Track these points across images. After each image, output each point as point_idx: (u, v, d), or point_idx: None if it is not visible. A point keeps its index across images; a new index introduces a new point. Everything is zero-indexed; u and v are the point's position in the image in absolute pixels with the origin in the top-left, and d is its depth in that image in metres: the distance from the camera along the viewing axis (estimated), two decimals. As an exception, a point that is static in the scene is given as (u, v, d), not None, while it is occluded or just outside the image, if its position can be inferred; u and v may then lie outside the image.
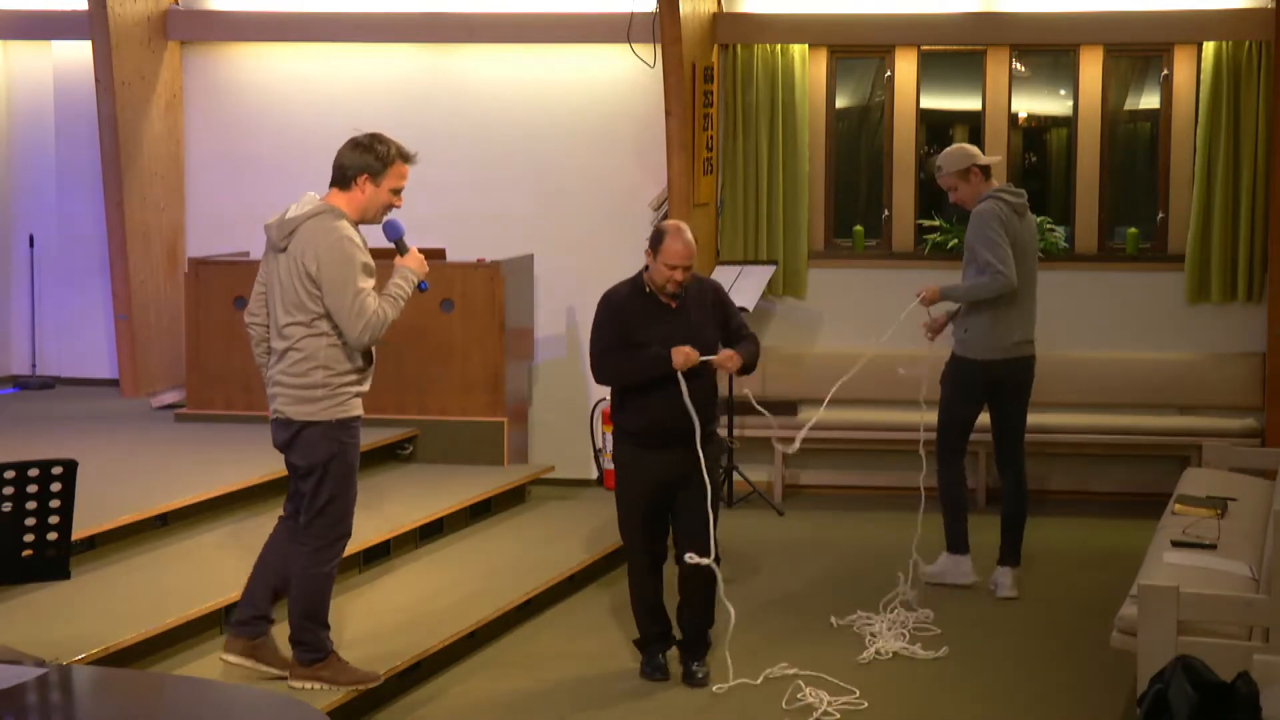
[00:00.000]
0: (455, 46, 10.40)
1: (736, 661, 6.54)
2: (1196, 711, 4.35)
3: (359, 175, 5.85)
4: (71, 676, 4.01)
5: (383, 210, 5.91)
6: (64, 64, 10.81)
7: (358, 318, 5.68)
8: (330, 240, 5.71)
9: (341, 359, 5.78)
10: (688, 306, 6.53)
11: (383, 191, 5.87)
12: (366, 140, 5.90)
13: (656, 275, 6.44)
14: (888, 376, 10.10)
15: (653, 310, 6.50)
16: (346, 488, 5.88)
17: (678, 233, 6.43)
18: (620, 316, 6.48)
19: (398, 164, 5.87)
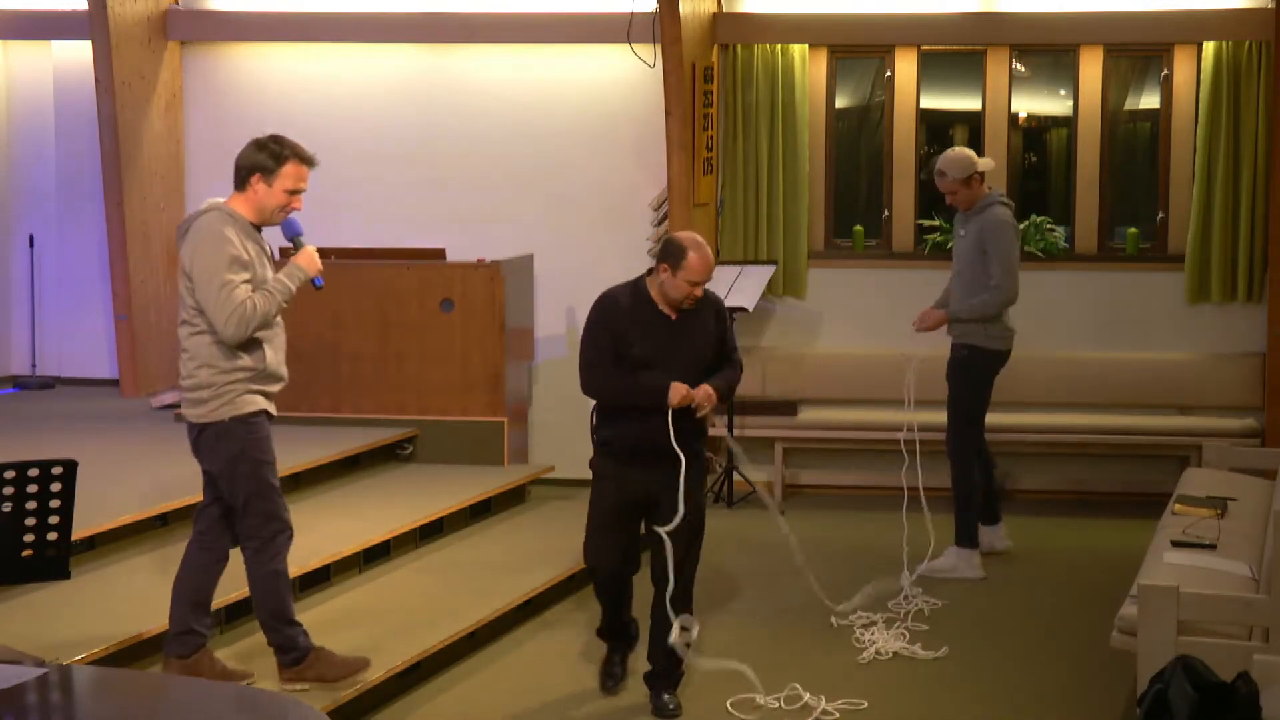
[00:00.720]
0: (455, 46, 10.40)
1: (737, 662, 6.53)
2: (1196, 711, 4.35)
3: (252, 175, 5.70)
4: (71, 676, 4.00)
5: (279, 211, 5.74)
6: (64, 64, 10.81)
7: (222, 309, 5.54)
8: (203, 237, 5.61)
9: (224, 356, 5.65)
10: (688, 321, 6.20)
11: (277, 192, 5.69)
12: (264, 140, 5.76)
13: (673, 290, 6.08)
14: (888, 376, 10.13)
15: (652, 321, 6.16)
16: (260, 483, 5.73)
17: (699, 246, 6.09)
18: (616, 323, 6.15)
19: (292, 164, 5.70)
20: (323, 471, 8.53)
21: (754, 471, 9.82)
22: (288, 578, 5.87)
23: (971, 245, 8.12)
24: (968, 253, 8.15)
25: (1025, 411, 9.85)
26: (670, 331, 6.16)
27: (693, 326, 6.21)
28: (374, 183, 10.51)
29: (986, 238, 8.02)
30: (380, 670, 6.14)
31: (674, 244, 6.13)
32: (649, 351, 6.10)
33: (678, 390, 6.06)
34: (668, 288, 6.11)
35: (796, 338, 10.31)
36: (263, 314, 5.62)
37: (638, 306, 6.18)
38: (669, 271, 6.09)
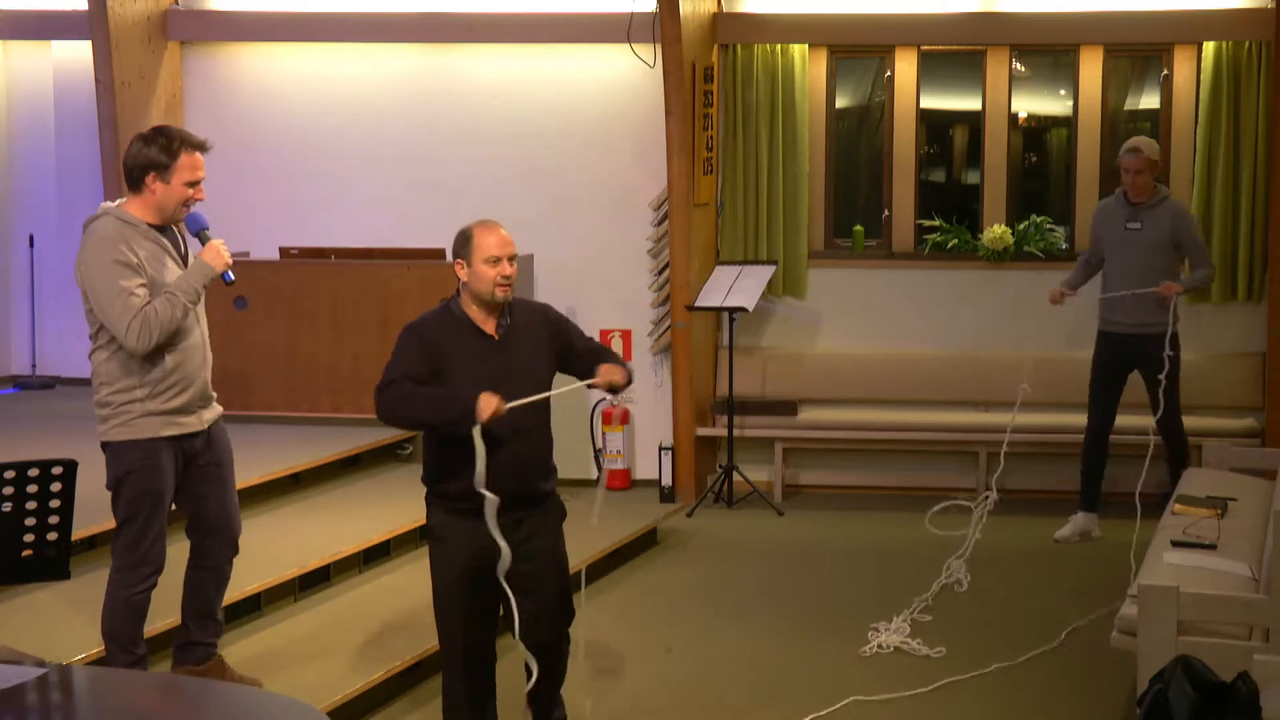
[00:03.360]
0: (455, 46, 10.40)
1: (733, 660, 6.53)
2: (1196, 711, 4.35)
3: (146, 174, 5.40)
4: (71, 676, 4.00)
5: (180, 206, 5.43)
6: (64, 64, 10.81)
7: (120, 319, 5.26)
8: (87, 247, 5.37)
9: (121, 374, 5.40)
10: (514, 339, 5.32)
11: (175, 187, 5.38)
12: (150, 134, 5.42)
13: (478, 282, 5.25)
14: (889, 377, 10.14)
15: (468, 342, 5.26)
16: (135, 511, 5.45)
17: (483, 223, 5.36)
18: (430, 346, 5.24)
19: (185, 154, 5.38)
20: (323, 471, 8.53)
21: (754, 471, 9.82)
22: (139, 610, 5.55)
23: (1157, 235, 8.52)
24: (1150, 242, 8.54)
25: (1025, 411, 9.83)
26: (494, 354, 5.27)
27: (521, 344, 5.33)
28: (374, 183, 10.50)
29: (1180, 227, 8.55)
30: (380, 670, 6.15)
31: (458, 236, 5.40)
32: (473, 378, 5.17)
33: (489, 403, 5.04)
34: (474, 284, 5.28)
35: (796, 338, 10.30)
36: (166, 319, 5.32)
37: (451, 329, 5.30)
38: (465, 266, 5.30)
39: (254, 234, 10.28)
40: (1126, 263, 8.57)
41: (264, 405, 9.50)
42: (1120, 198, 8.66)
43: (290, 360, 9.57)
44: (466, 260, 5.30)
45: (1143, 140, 8.65)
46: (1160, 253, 8.55)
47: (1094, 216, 8.91)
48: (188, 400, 5.51)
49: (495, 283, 5.27)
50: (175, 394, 5.47)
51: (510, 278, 5.29)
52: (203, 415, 5.60)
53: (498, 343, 5.31)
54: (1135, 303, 8.53)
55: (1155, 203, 8.56)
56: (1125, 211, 8.60)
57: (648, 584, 8.06)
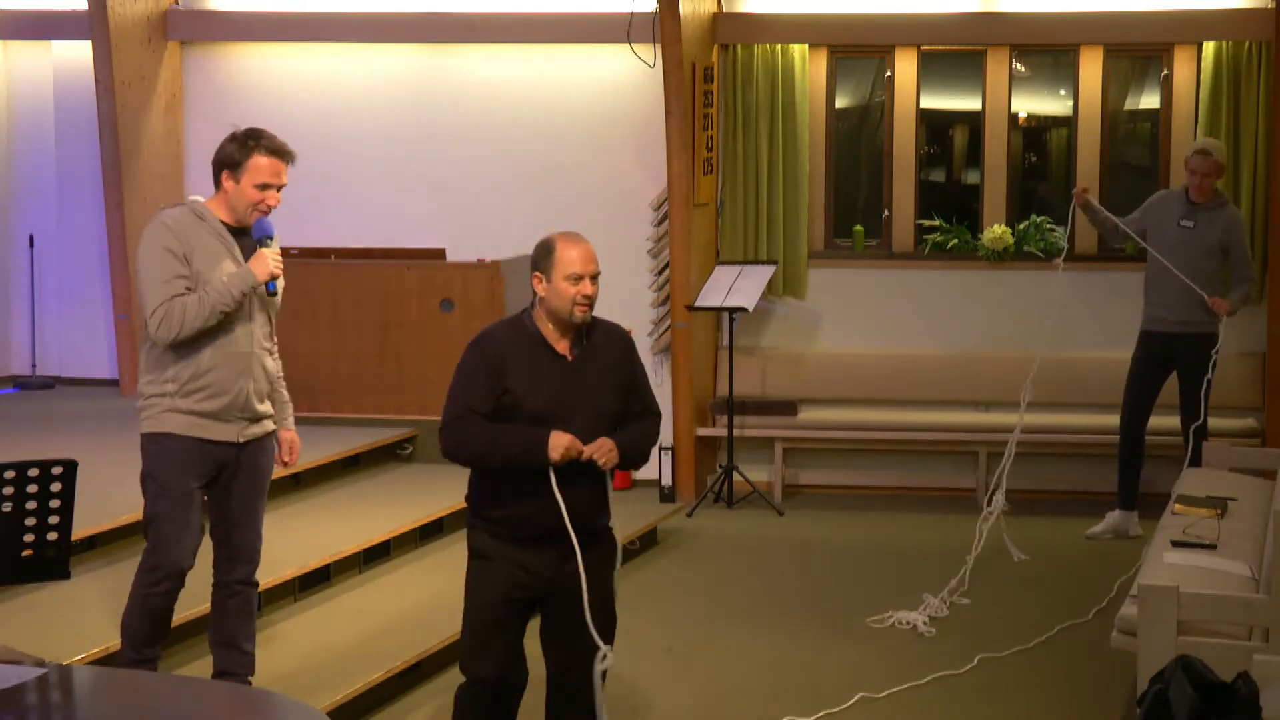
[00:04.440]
0: (456, 46, 10.40)
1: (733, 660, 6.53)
2: (1196, 712, 4.35)
3: (221, 171, 5.38)
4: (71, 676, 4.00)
5: (250, 208, 5.37)
6: (64, 64, 10.81)
7: (148, 306, 5.21)
8: (146, 232, 5.32)
9: (156, 366, 5.32)
10: (589, 361, 5.00)
11: (246, 188, 5.33)
12: (237, 132, 5.41)
13: (557, 299, 4.91)
14: (889, 377, 10.14)
15: (542, 363, 4.93)
16: (157, 511, 5.32)
17: (567, 235, 5.03)
18: (496, 365, 4.90)
19: (257, 157, 5.31)
20: (323, 471, 8.54)
21: (754, 471, 9.82)
22: (154, 613, 5.40)
23: (1208, 237, 8.58)
24: (1200, 243, 8.59)
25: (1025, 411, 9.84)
26: (566, 375, 4.95)
27: (595, 367, 5.01)
28: (374, 182, 10.51)
29: (1233, 235, 8.60)
30: (380, 670, 6.14)
31: (539, 246, 5.03)
32: (541, 402, 4.88)
33: (560, 441, 4.81)
34: (551, 301, 4.93)
35: (796, 338, 10.31)
36: (193, 317, 5.21)
37: (522, 346, 4.95)
38: (543, 280, 4.94)
39: (254, 234, 10.27)
40: (1172, 260, 8.58)
41: (264, 405, 9.48)
42: (1181, 194, 8.72)
43: (290, 360, 9.46)
44: (545, 274, 4.93)
45: (1212, 143, 8.71)
46: (1207, 255, 8.59)
47: (1151, 199, 8.95)
48: (221, 407, 5.34)
49: (575, 302, 4.91)
50: (206, 397, 5.32)
51: (591, 298, 4.95)
52: (243, 429, 5.41)
53: (570, 364, 4.96)
54: (1181, 302, 8.55)
55: (1213, 206, 8.62)
56: (1182, 208, 8.65)
57: (648, 584, 8.06)
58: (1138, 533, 8.76)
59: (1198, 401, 8.57)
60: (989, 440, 9.74)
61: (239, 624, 5.57)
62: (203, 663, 6.13)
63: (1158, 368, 8.74)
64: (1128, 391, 8.85)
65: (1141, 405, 8.79)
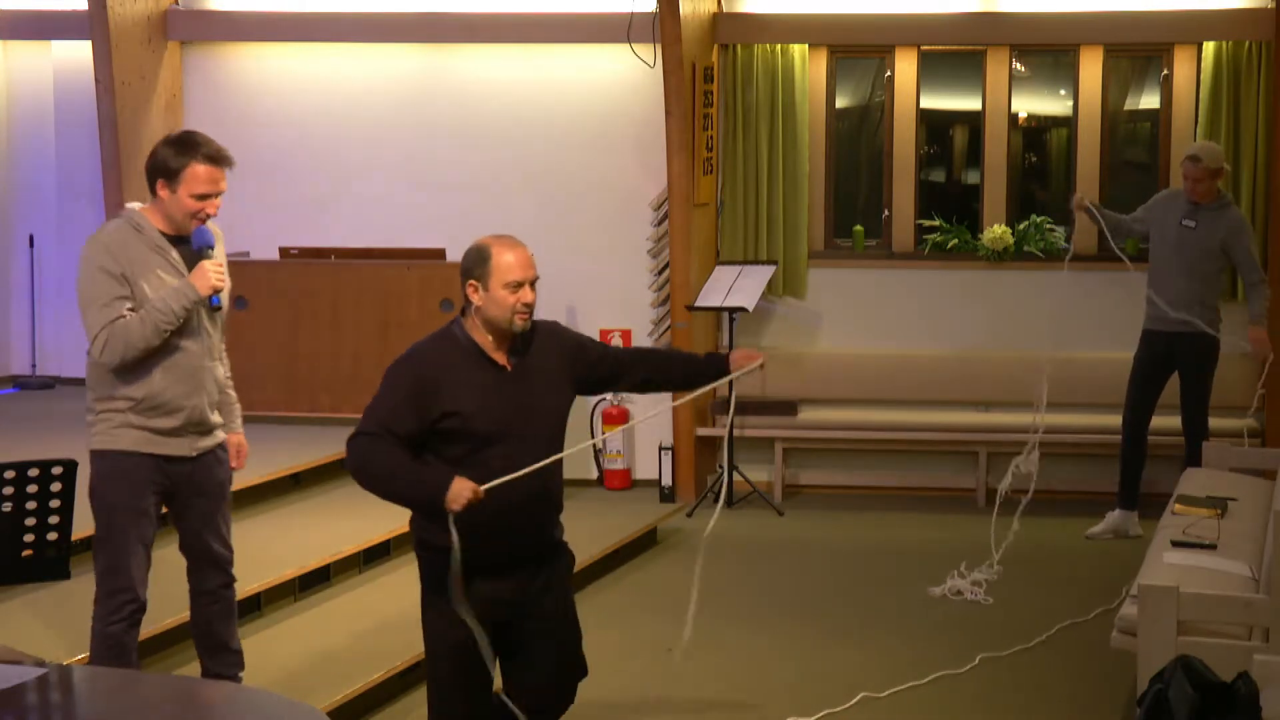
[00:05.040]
0: (455, 46, 10.40)
1: (733, 661, 6.52)
2: (1196, 711, 4.35)
3: (155, 179, 5.13)
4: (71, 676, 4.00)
5: (188, 217, 5.14)
6: (64, 64, 10.81)
7: (91, 328, 5.01)
8: (85, 248, 5.10)
9: (109, 383, 5.11)
10: (529, 369, 4.68)
11: (182, 198, 5.09)
12: (174, 138, 5.16)
13: (496, 309, 4.62)
14: (889, 377, 10.14)
15: (481, 375, 4.60)
16: (109, 530, 5.13)
17: (502, 239, 4.75)
18: (427, 387, 4.54)
19: (195, 166, 5.07)
20: (323, 471, 8.53)
21: (754, 472, 9.82)
22: (120, 647, 5.17)
23: (1208, 239, 8.56)
24: (1203, 244, 8.57)
25: (1025, 411, 9.83)
26: (509, 387, 4.63)
27: (536, 372, 4.69)
28: (374, 182, 10.50)
29: (1233, 237, 8.54)
30: (380, 670, 6.14)
31: (472, 252, 4.72)
32: (488, 421, 4.56)
33: (461, 491, 4.48)
34: (489, 310, 4.64)
35: (796, 338, 10.30)
36: (136, 338, 5.01)
37: (457, 361, 4.60)
38: (478, 288, 4.66)
39: (254, 234, 10.27)
40: (1174, 259, 8.62)
41: (264, 405, 9.49)
42: (1185, 193, 8.72)
43: (290, 360, 9.57)
44: (481, 282, 4.66)
45: (1204, 148, 8.67)
46: (1208, 257, 8.59)
47: (1156, 198, 8.96)
48: (176, 425, 5.19)
49: (515, 310, 4.63)
50: (160, 415, 5.15)
51: (531, 305, 4.65)
52: (195, 442, 5.26)
53: (510, 374, 4.65)
54: (1182, 301, 8.56)
55: (1216, 207, 8.61)
56: (1184, 208, 8.66)
57: (648, 584, 8.06)
58: (1138, 533, 8.75)
59: (1198, 401, 8.58)
60: (989, 440, 9.75)
61: (223, 626, 5.50)
62: (203, 663, 6.14)
63: (1159, 367, 8.74)
64: (1130, 391, 8.85)
65: (1143, 405, 8.79)
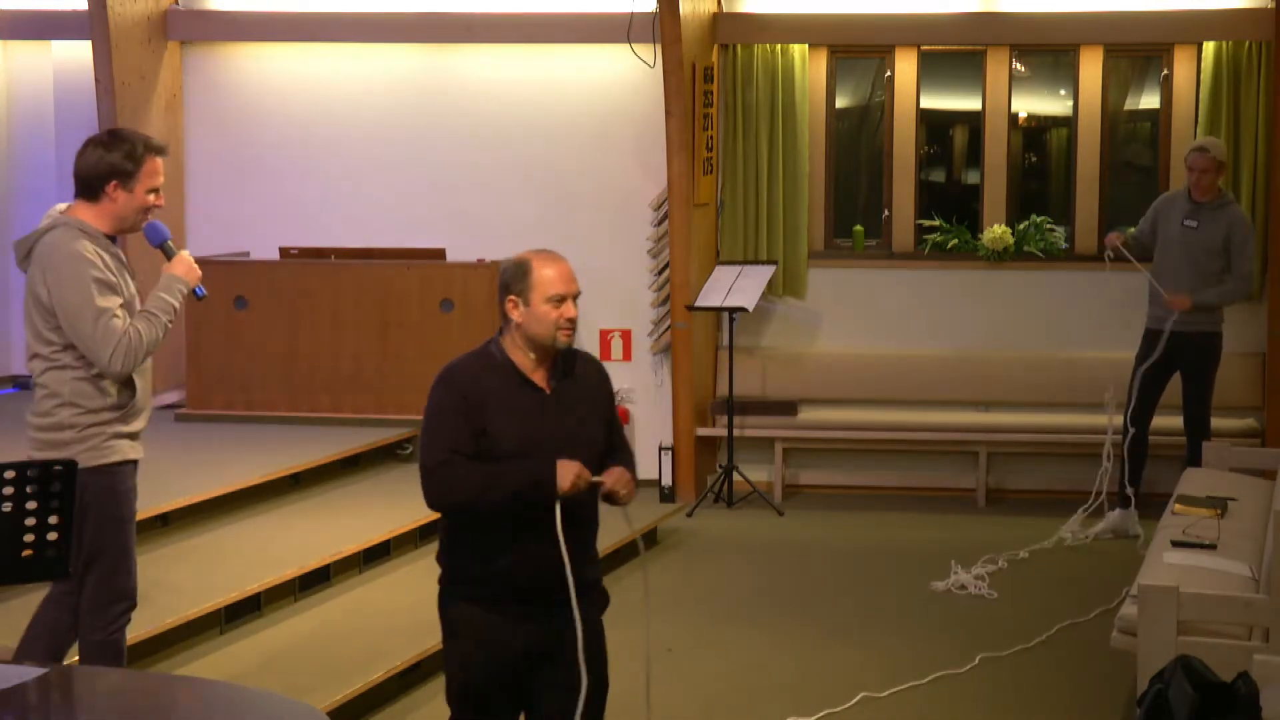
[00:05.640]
0: (455, 46, 10.40)
1: (733, 661, 6.52)
2: (1196, 711, 4.35)
3: (108, 182, 4.99)
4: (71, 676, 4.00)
5: (141, 215, 5.09)
6: (64, 64, 10.80)
7: (104, 343, 4.93)
8: (58, 260, 4.92)
9: (92, 394, 5.02)
10: (567, 393, 4.44)
11: (138, 195, 5.03)
12: (108, 139, 5.02)
13: (538, 326, 4.36)
14: (889, 377, 10.14)
15: (519, 395, 4.36)
16: (107, 544, 5.03)
17: (542, 252, 4.51)
18: (472, 403, 4.31)
19: (151, 161, 5.02)
20: (323, 471, 8.54)
21: (754, 472, 9.82)
22: (119, 651, 5.14)
23: (1212, 237, 8.56)
24: (1205, 243, 8.59)
25: (1025, 411, 9.86)
26: (547, 409, 4.39)
27: (576, 398, 4.46)
28: (374, 182, 10.50)
29: (1235, 234, 8.56)
30: (380, 670, 6.15)
31: (511, 267, 4.45)
32: (522, 442, 4.32)
33: (569, 470, 4.26)
34: (530, 327, 4.38)
35: (796, 338, 10.30)
36: (150, 342, 5.01)
37: (496, 380, 4.37)
38: (519, 304, 4.38)
39: (254, 234, 10.28)
40: (1177, 259, 8.64)
41: (264, 405, 9.50)
42: (1184, 194, 8.74)
43: (290, 360, 9.57)
44: (522, 298, 4.38)
45: (1210, 141, 8.72)
46: (1211, 256, 8.61)
47: (1156, 203, 8.97)
48: (145, 424, 5.19)
49: (559, 326, 4.37)
50: (136, 418, 5.14)
51: (574, 321, 4.42)
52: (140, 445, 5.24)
53: (549, 397, 4.40)
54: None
55: (1217, 205, 8.63)
56: (1186, 208, 8.68)
57: (648, 584, 8.05)
58: (1138, 532, 8.75)
59: (1199, 401, 8.59)
60: (989, 440, 9.75)
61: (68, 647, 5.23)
62: (202, 663, 6.15)
63: (1159, 367, 8.74)
64: (1131, 391, 8.85)
65: (1146, 404, 8.78)
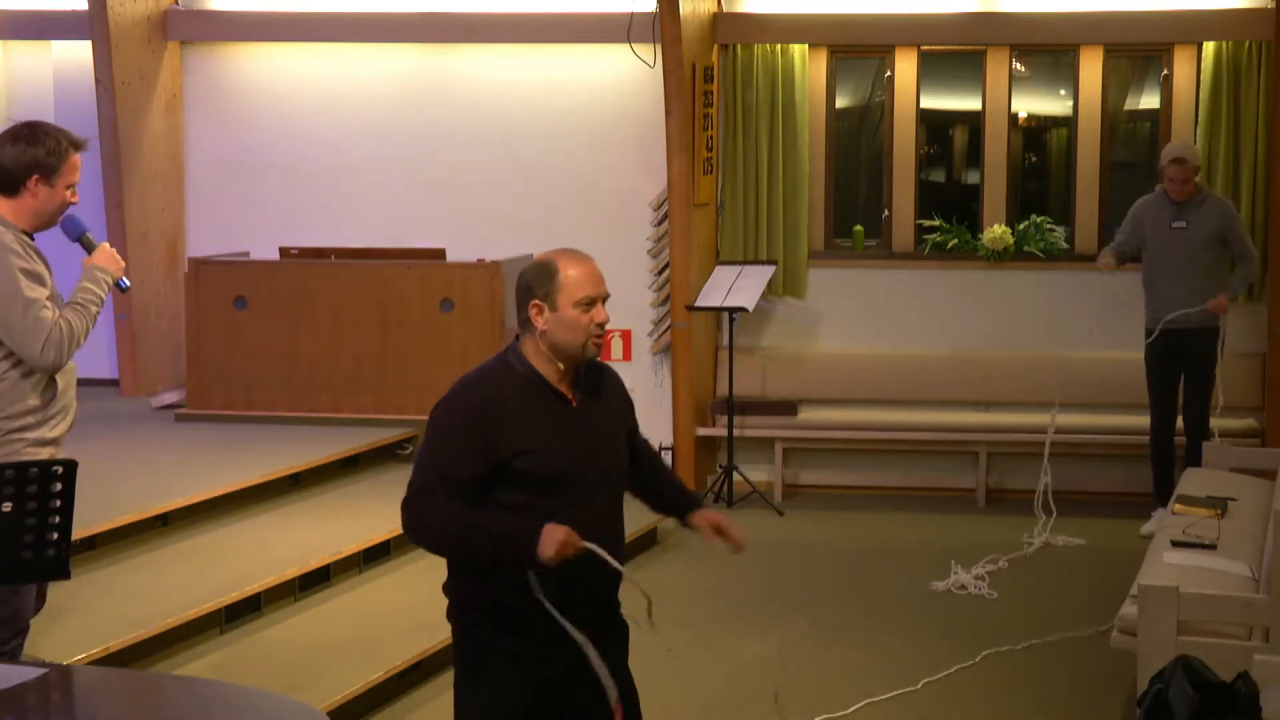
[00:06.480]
0: (455, 46, 10.40)
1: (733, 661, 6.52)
2: (1196, 711, 4.35)
3: (29, 176, 4.84)
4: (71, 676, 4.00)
5: (60, 209, 4.95)
6: (64, 64, 10.80)
7: (33, 335, 4.77)
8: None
9: (8, 397, 4.79)
10: (592, 404, 4.08)
11: (60, 190, 4.89)
12: (28, 133, 4.87)
13: (566, 332, 3.98)
14: (889, 377, 10.14)
15: (548, 409, 3.98)
16: None
17: (571, 254, 4.09)
18: (490, 422, 3.92)
19: (73, 156, 4.90)
20: (323, 471, 8.53)
21: (754, 471, 9.82)
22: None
23: (1203, 232, 8.67)
24: (1197, 240, 8.64)
25: (1025, 411, 9.85)
26: (577, 424, 4.02)
27: (602, 411, 4.11)
28: (374, 183, 10.50)
29: (1227, 223, 8.66)
30: (380, 670, 6.15)
31: (534, 269, 4.09)
32: (555, 462, 3.94)
33: (554, 536, 3.83)
34: (557, 334, 3.99)
35: (796, 338, 10.30)
36: (81, 333, 4.91)
37: (518, 393, 3.98)
38: (544, 308, 4.01)
39: (254, 234, 10.28)
40: (1174, 262, 8.66)
41: (264, 405, 9.50)
42: (1162, 195, 8.76)
43: (290, 360, 9.56)
44: (549, 302, 4.00)
45: (1187, 150, 8.72)
46: (1207, 250, 8.65)
47: (1134, 210, 8.98)
48: (69, 426, 4.99)
49: (590, 333, 3.98)
50: (59, 421, 4.95)
51: (604, 326, 4.05)
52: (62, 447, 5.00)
53: (576, 410, 4.03)
54: (1184, 301, 8.61)
55: (1199, 201, 8.67)
56: (1170, 210, 8.70)
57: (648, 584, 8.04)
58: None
59: (1200, 397, 8.60)
60: (989, 440, 9.75)
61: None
62: (201, 663, 6.14)
63: (1168, 366, 8.76)
64: (1150, 393, 8.87)
65: (1166, 404, 8.81)
